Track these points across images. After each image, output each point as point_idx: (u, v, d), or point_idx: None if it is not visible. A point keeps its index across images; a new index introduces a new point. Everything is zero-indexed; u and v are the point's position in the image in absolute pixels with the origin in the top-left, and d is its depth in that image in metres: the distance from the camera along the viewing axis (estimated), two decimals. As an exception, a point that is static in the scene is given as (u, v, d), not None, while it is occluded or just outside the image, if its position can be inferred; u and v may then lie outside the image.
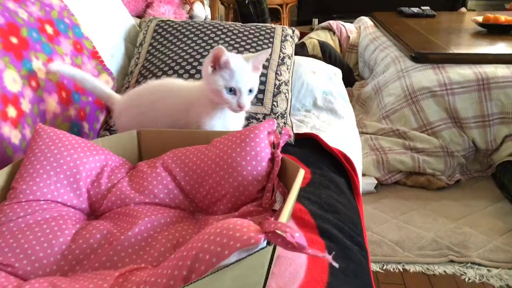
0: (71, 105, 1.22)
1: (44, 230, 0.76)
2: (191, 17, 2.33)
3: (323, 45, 2.70)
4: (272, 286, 0.73)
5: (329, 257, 0.50)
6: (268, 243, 0.56)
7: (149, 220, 0.78)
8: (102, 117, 1.36)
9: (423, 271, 1.52)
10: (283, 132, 0.85)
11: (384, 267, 1.54)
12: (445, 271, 1.52)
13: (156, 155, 0.96)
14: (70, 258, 0.72)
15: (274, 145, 0.85)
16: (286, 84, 1.36)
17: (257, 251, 0.56)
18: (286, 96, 1.33)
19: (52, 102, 1.15)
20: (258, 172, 0.81)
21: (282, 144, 0.84)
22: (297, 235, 0.52)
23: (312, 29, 3.53)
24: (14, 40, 1.08)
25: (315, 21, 4.38)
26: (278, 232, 0.54)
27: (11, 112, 0.99)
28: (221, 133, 0.92)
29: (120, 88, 1.44)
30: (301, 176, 0.74)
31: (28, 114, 1.05)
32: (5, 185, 0.83)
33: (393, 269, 1.53)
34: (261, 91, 1.30)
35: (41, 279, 0.65)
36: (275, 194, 0.80)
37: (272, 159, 0.83)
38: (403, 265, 1.54)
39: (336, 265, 0.51)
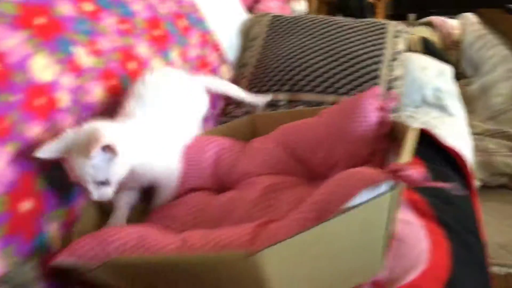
0: (197, 92, 1.35)
1: (186, 203, 0.89)
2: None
3: (424, 42, 2.64)
4: (396, 268, 0.78)
5: (452, 186, 0.55)
6: (391, 188, 0.62)
7: (273, 184, 0.86)
8: (222, 104, 1.48)
9: (530, 277, 1.48)
10: (390, 96, 0.89)
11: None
12: (553, 279, 1.46)
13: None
14: (209, 220, 0.84)
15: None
16: (398, 80, 1.38)
17: (382, 194, 0.62)
18: (398, 92, 1.36)
19: (184, 89, 1.28)
20: (368, 136, 0.86)
21: (390, 107, 0.87)
22: (422, 171, 0.57)
23: (408, 25, 3.45)
24: (157, 32, 1.22)
25: (411, 16, 4.25)
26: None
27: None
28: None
29: (235, 78, 1.55)
30: (414, 132, 0.78)
31: (167, 98, 1.18)
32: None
33: (498, 271, 1.50)
34: (374, 86, 1.34)
35: (192, 230, 0.75)
36: (387, 155, 0.84)
37: (380, 123, 0.88)
38: (507, 269, 1.51)
39: (460, 192, 0.56)
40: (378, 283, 0.75)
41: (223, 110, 1.46)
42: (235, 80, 1.53)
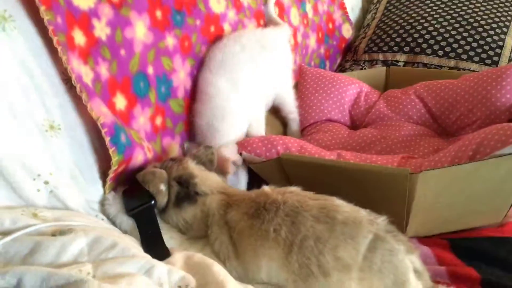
0: (322, 45, 1.46)
1: (327, 131, 1.02)
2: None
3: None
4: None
5: None
6: None
7: (411, 129, 0.97)
8: (339, 60, 1.58)
9: None
10: None
11: None
12: None
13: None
14: (350, 148, 0.95)
15: None
16: (522, 51, 1.39)
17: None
18: (520, 63, 1.37)
19: (313, 40, 1.40)
20: (510, 104, 0.92)
21: None
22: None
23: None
24: (297, -16, 1.34)
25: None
26: None
27: (291, 41, 1.26)
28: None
29: (355, 38, 1.63)
30: None
31: (299, 45, 1.31)
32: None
33: None
34: (497, 55, 1.37)
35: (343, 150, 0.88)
36: None
37: None
38: None
39: None
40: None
41: (341, 66, 1.56)
42: (355, 39, 1.62)
